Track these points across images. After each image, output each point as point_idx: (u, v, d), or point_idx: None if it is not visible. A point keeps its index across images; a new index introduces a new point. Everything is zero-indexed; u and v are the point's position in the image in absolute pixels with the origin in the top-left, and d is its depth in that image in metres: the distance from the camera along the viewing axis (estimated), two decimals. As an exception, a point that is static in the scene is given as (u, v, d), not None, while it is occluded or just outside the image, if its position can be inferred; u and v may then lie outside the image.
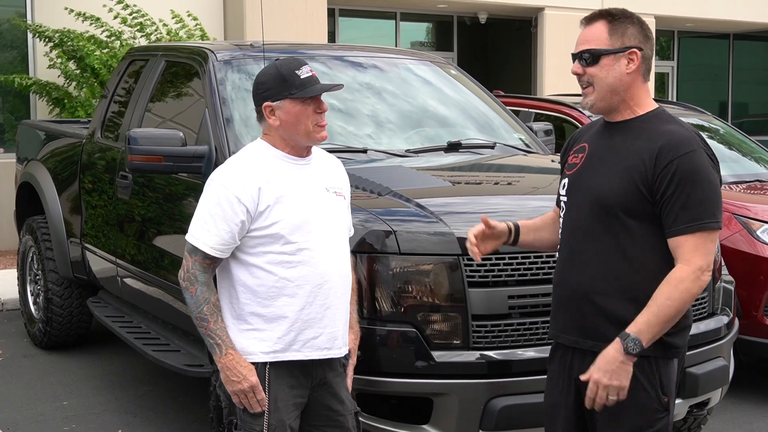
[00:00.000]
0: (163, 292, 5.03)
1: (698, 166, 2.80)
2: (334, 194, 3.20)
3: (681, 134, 2.84)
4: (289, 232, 3.05)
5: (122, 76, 6.21)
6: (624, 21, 2.91)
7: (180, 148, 4.53)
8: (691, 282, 2.76)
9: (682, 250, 2.78)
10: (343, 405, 3.21)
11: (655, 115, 2.92)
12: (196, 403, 5.49)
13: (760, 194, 6.58)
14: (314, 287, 3.08)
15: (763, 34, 18.25)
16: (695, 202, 2.78)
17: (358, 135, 4.93)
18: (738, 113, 18.65)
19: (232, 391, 3.07)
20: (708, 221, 2.79)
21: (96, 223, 5.93)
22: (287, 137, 3.12)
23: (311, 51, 5.51)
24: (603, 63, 2.88)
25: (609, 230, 2.86)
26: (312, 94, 3.09)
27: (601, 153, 2.94)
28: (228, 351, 3.06)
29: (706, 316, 4.24)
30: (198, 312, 3.06)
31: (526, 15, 15.16)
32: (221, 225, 3.03)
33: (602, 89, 2.89)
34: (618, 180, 2.84)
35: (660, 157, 2.79)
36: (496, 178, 4.96)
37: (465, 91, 5.76)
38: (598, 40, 2.89)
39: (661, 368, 2.89)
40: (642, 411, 2.87)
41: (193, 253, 3.08)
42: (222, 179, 3.09)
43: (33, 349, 6.77)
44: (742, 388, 5.85)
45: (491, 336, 3.71)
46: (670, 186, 2.77)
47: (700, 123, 7.64)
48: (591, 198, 2.90)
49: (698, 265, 2.76)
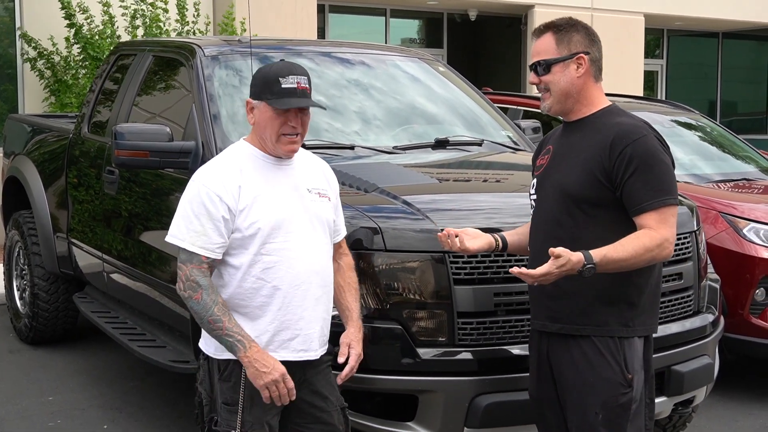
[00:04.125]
0: (150, 287, 5.02)
1: (650, 149, 3.07)
2: (316, 195, 3.19)
3: (630, 124, 3.13)
4: (266, 232, 3.04)
5: (109, 71, 6.19)
6: (569, 30, 3.19)
7: (167, 143, 4.52)
8: (658, 248, 3.02)
9: (648, 225, 3.03)
10: (326, 401, 3.20)
11: (607, 111, 3.21)
12: (181, 399, 5.48)
13: (747, 193, 6.60)
14: (291, 288, 3.07)
15: (751, 33, 18.32)
16: (654, 181, 3.04)
17: (345, 132, 4.92)
18: (727, 112, 18.71)
19: (263, 383, 3.02)
20: (668, 197, 3.05)
21: (83, 218, 5.91)
22: (260, 138, 3.13)
23: (299, 47, 5.49)
24: (554, 70, 3.17)
25: (572, 218, 3.12)
26: (282, 106, 3.05)
27: (563, 151, 3.22)
28: (251, 344, 3.02)
29: (691, 314, 4.25)
30: (209, 316, 3.01)
31: (516, 12, 15.18)
32: (207, 224, 3.02)
33: (557, 93, 3.19)
34: (578, 172, 3.11)
35: (614, 146, 3.06)
36: (483, 175, 4.97)
37: (453, 88, 5.76)
38: (548, 51, 3.19)
39: (625, 347, 3.13)
40: (607, 385, 3.11)
41: (188, 262, 3.04)
42: (203, 179, 3.08)
43: (19, 344, 6.75)
44: (727, 386, 5.87)
45: (477, 333, 3.71)
46: (627, 169, 3.03)
47: (689, 121, 7.66)
48: (555, 190, 3.17)
49: (665, 235, 3.03)
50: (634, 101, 8.26)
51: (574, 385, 3.15)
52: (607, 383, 3.11)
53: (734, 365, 6.23)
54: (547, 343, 3.24)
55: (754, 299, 5.77)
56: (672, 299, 4.11)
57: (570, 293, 3.13)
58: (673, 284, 4.11)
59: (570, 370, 3.16)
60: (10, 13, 10.68)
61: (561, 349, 3.19)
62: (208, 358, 3.17)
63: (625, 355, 3.13)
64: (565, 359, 3.17)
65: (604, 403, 3.11)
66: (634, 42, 15.38)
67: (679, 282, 4.15)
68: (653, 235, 3.01)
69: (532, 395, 3.38)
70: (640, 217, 3.05)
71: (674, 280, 4.11)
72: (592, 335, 3.12)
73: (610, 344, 3.12)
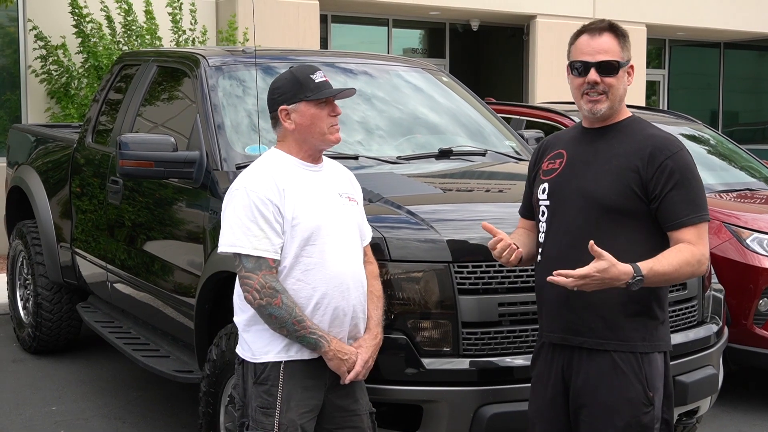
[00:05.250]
0: (153, 297, 5.02)
1: (689, 163, 3.01)
2: (347, 199, 3.28)
3: (665, 136, 3.06)
4: (307, 235, 3.10)
5: (114, 81, 6.21)
6: (625, 36, 3.11)
7: (171, 153, 4.53)
8: (698, 264, 2.96)
9: (688, 240, 2.96)
10: (357, 404, 3.25)
11: (633, 121, 3.13)
12: (185, 409, 5.48)
13: (750, 203, 6.60)
14: (329, 289, 3.13)
15: (753, 43, 18.33)
16: (692, 196, 2.98)
17: (349, 142, 4.92)
18: (728, 122, 18.71)
19: (346, 368, 3.13)
20: (705, 213, 3.00)
21: (86, 227, 5.91)
22: (302, 141, 3.19)
23: (303, 57, 5.50)
24: (620, 74, 3.05)
25: (602, 228, 2.98)
26: (327, 95, 3.17)
27: (585, 157, 3.09)
28: (332, 338, 3.12)
29: (695, 325, 4.25)
30: (294, 317, 3.06)
31: (518, 23, 15.20)
32: (265, 227, 3.07)
33: (615, 98, 3.06)
34: (609, 181, 3.00)
35: (653, 158, 2.97)
36: (487, 185, 4.97)
37: (456, 98, 5.77)
38: (614, 52, 3.05)
39: (646, 363, 3.01)
40: (630, 405, 2.99)
41: (257, 269, 3.07)
42: (249, 185, 3.13)
43: (22, 354, 6.75)
44: (731, 397, 5.86)
45: (481, 343, 3.70)
46: (668, 183, 2.95)
47: (691, 132, 7.67)
48: (583, 199, 3.03)
49: (703, 251, 2.97)
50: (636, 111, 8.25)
51: (593, 403, 3.00)
52: (629, 403, 2.98)
53: (738, 375, 6.23)
54: (565, 358, 3.07)
55: (758, 309, 5.77)
56: (676, 309, 4.10)
57: (594, 305, 2.98)
58: (677, 294, 4.11)
59: (590, 387, 3.00)
60: (13, 23, 10.72)
61: (581, 364, 3.03)
62: (244, 362, 3.21)
63: (646, 372, 3.01)
64: (588, 375, 3.01)
65: (627, 424, 2.98)
66: (636, 52, 15.25)
67: (683, 292, 4.15)
68: (694, 251, 2.93)
69: (533, 413, 3.21)
70: (678, 231, 2.96)
71: (678, 290, 4.11)
72: (615, 350, 2.99)
73: (632, 360, 2.99)
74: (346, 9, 13.89)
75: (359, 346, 3.23)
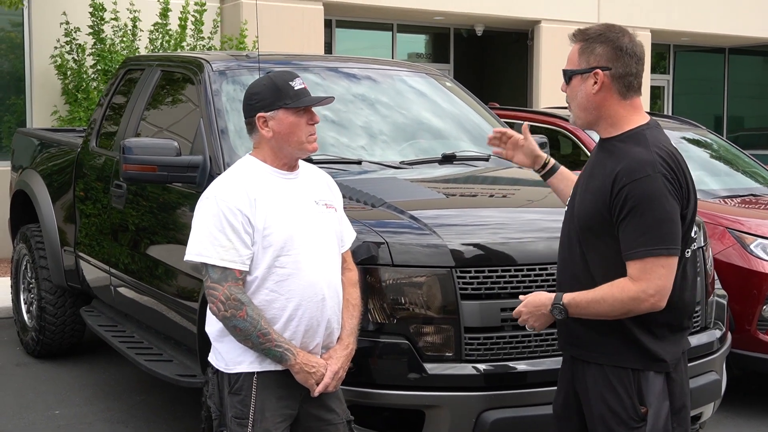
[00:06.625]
0: (157, 301, 5.02)
1: (649, 191, 2.80)
2: (324, 206, 3.20)
3: (638, 159, 2.85)
4: (279, 245, 3.04)
5: (118, 86, 6.22)
6: (593, 42, 2.98)
7: (174, 157, 4.53)
8: (631, 300, 2.82)
9: (630, 274, 2.84)
10: (332, 414, 3.20)
11: (630, 136, 2.94)
12: (188, 413, 5.48)
13: (754, 208, 6.59)
14: (303, 300, 3.07)
15: (758, 49, 18.32)
16: (643, 228, 2.80)
17: (352, 146, 4.93)
18: (733, 127, 18.69)
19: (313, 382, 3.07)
20: (656, 247, 2.80)
21: (90, 231, 5.92)
22: (278, 149, 3.13)
23: (307, 62, 5.51)
24: (573, 83, 3.00)
25: (581, 243, 2.97)
26: (306, 104, 3.11)
27: (588, 170, 3.06)
28: (298, 351, 3.06)
29: (698, 330, 4.24)
30: (258, 330, 3.00)
31: (523, 28, 15.20)
32: (233, 237, 3.00)
33: (574, 107, 3.03)
34: (588, 200, 2.95)
35: (615, 182, 2.84)
36: (490, 190, 4.97)
37: (460, 103, 5.77)
38: (571, 61, 3.02)
39: (641, 380, 2.92)
40: (616, 419, 2.93)
41: (222, 281, 3.02)
42: (219, 194, 3.07)
43: (25, 357, 6.75)
44: (734, 402, 5.85)
45: (484, 348, 3.70)
46: (622, 211, 2.82)
47: (695, 137, 7.67)
48: (570, 212, 3.07)
49: (642, 287, 2.81)
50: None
51: (588, 413, 3.00)
52: (616, 417, 2.92)
53: (742, 381, 6.21)
54: (572, 367, 3.09)
55: (761, 315, 5.76)
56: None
57: (587, 320, 2.95)
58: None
59: (586, 396, 3.01)
60: (17, 27, 10.74)
61: (578, 374, 3.04)
62: (218, 372, 3.17)
63: (639, 388, 2.92)
64: (585, 385, 2.99)
65: None
66: (641, 57, 15.35)
67: (687, 298, 4.13)
68: (627, 287, 2.81)
69: (554, 411, 3.22)
70: (626, 263, 2.84)
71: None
72: (606, 364, 2.94)
73: (622, 375, 2.92)
74: (351, 14, 13.91)
75: (329, 357, 3.17)
